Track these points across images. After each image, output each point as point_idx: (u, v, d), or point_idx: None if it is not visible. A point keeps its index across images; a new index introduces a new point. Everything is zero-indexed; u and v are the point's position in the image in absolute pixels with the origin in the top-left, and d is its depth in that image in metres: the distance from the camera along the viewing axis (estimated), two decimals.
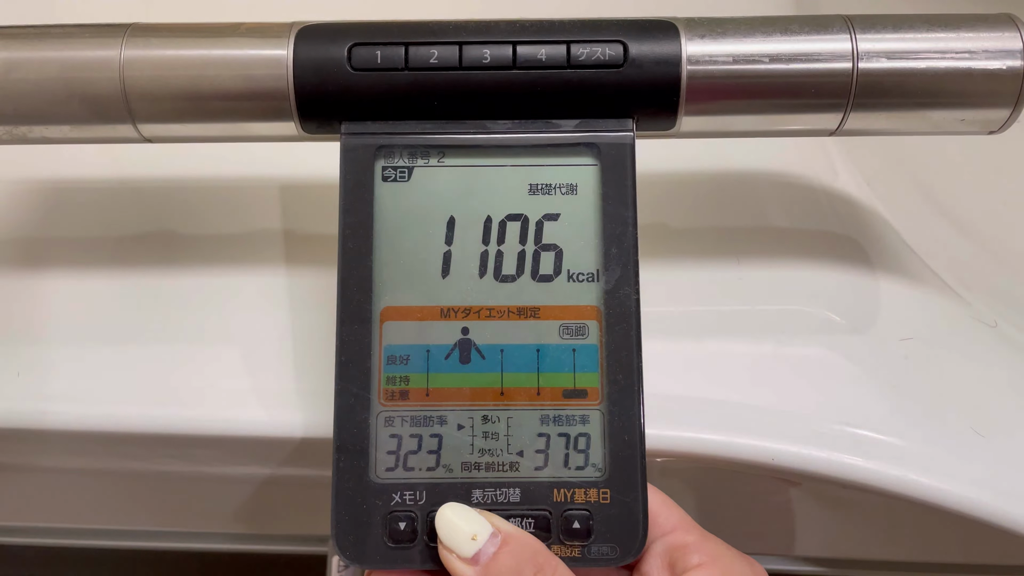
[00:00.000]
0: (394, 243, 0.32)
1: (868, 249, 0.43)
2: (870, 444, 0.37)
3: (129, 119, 0.33)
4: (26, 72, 0.32)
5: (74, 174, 0.45)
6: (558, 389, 0.32)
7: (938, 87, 0.33)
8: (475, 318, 0.32)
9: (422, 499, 0.31)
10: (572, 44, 0.32)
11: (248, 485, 0.45)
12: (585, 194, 0.33)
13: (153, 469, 0.43)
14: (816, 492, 0.43)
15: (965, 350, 0.41)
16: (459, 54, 0.32)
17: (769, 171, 0.45)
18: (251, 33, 0.33)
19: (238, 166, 0.45)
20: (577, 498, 0.31)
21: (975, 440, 0.37)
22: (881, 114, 0.33)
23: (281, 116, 0.33)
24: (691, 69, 0.32)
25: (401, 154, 0.33)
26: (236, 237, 0.43)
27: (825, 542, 0.49)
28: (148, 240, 0.42)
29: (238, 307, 0.40)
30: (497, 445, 0.31)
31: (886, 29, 0.33)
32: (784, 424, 0.37)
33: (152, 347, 0.39)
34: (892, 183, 0.48)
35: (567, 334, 0.32)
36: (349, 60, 0.32)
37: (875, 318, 0.41)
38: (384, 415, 0.31)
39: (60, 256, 0.42)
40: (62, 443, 0.40)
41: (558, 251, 0.32)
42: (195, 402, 0.37)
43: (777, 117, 0.34)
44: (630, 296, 0.32)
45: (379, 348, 0.32)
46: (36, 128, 0.34)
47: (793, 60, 0.32)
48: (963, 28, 0.33)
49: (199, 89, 0.32)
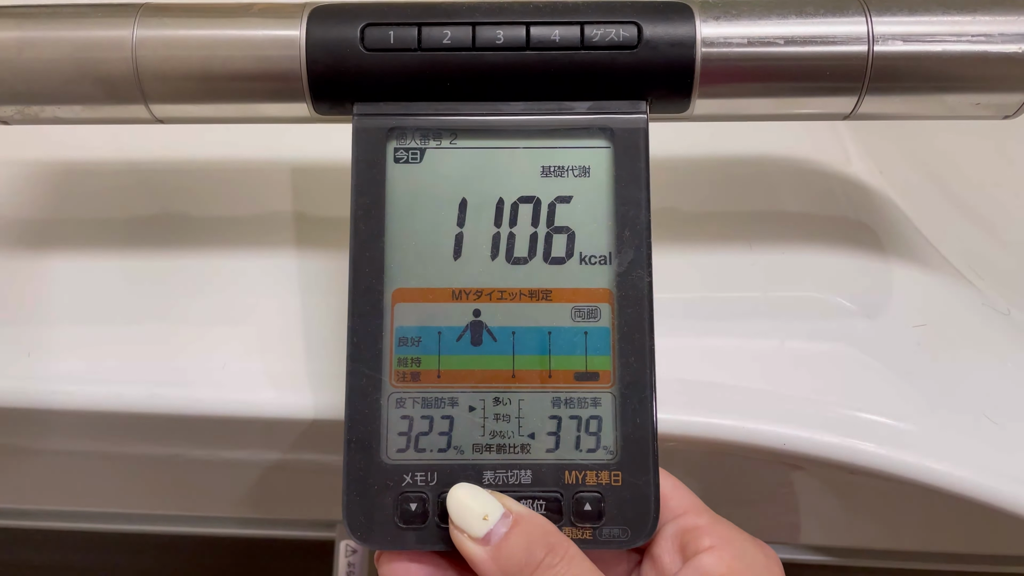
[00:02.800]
0: (406, 225, 0.32)
1: (881, 236, 0.43)
2: (882, 430, 0.36)
3: (141, 99, 0.33)
4: (38, 51, 0.32)
5: (84, 156, 0.45)
6: (570, 372, 0.32)
7: (953, 70, 0.32)
8: (487, 300, 0.32)
9: (433, 480, 0.31)
10: (586, 25, 0.32)
11: (256, 469, 0.45)
12: (598, 176, 0.33)
13: (161, 452, 0.43)
14: (821, 479, 0.43)
15: (977, 337, 0.41)
16: (472, 35, 0.32)
17: (781, 157, 0.45)
18: (264, 13, 0.33)
19: (249, 148, 0.45)
20: (588, 480, 0.31)
21: (987, 427, 0.37)
22: (896, 98, 0.33)
23: (293, 97, 0.33)
24: (705, 51, 0.32)
25: (413, 135, 0.33)
26: (247, 219, 0.43)
27: (829, 530, 0.49)
28: (158, 221, 0.42)
29: (248, 288, 0.40)
30: (508, 427, 0.31)
31: (902, 12, 0.32)
32: (796, 409, 0.37)
33: (161, 328, 0.39)
34: (904, 170, 0.47)
35: (579, 317, 0.32)
36: (362, 40, 0.32)
37: (887, 305, 0.41)
38: (395, 396, 0.31)
39: (70, 237, 0.42)
40: (71, 424, 0.40)
41: (570, 234, 0.32)
42: (205, 383, 0.37)
43: (791, 100, 0.33)
44: (643, 279, 0.32)
45: (391, 329, 0.32)
46: (48, 108, 0.34)
47: (808, 43, 0.32)
48: (979, 11, 0.32)
49: (211, 69, 0.32)
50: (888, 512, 0.45)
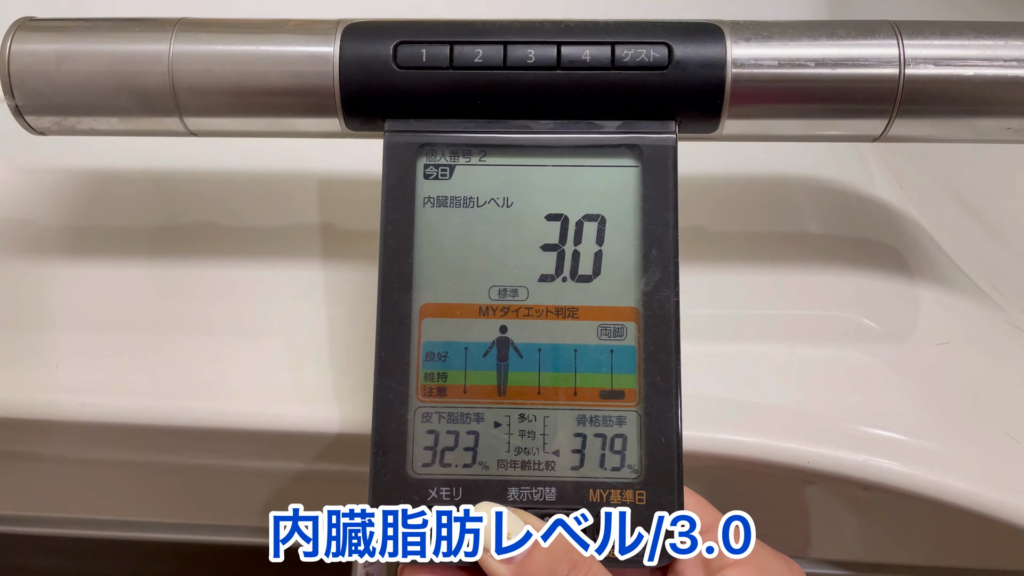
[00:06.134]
0: (434, 240, 0.32)
1: (904, 254, 0.43)
2: (905, 449, 0.37)
3: (176, 113, 0.33)
4: (76, 64, 0.33)
5: (113, 165, 0.45)
6: (595, 390, 0.32)
7: (985, 95, 0.32)
8: (513, 317, 0.32)
9: (458, 495, 0.31)
10: (617, 45, 0.32)
11: (280, 480, 0.45)
12: (626, 195, 0.33)
13: (186, 462, 0.44)
14: (835, 494, 0.43)
15: (1001, 355, 0.41)
16: (503, 54, 0.32)
17: (805, 176, 0.45)
18: (298, 30, 0.33)
19: (279, 159, 0.45)
20: (613, 499, 0.31)
21: (1011, 445, 0.37)
22: (926, 121, 0.33)
23: (326, 112, 0.33)
24: (736, 72, 0.32)
25: (443, 152, 0.33)
26: (274, 230, 0.43)
27: (843, 544, 0.49)
28: (186, 232, 0.43)
29: (275, 300, 0.40)
30: (533, 444, 0.32)
31: (934, 35, 0.32)
32: (820, 428, 0.37)
33: (188, 340, 0.39)
34: (927, 188, 0.47)
35: (605, 335, 0.32)
36: (395, 58, 0.32)
37: (911, 323, 0.40)
38: (422, 411, 0.32)
39: (99, 248, 0.42)
40: (97, 435, 0.40)
41: (597, 252, 0.32)
42: (231, 396, 0.38)
43: (821, 122, 0.33)
44: (670, 298, 0.32)
45: (418, 344, 0.32)
46: (84, 119, 0.34)
47: (839, 65, 0.32)
48: (1012, 36, 0.32)
49: (246, 84, 0.33)
50: (904, 527, 0.45)
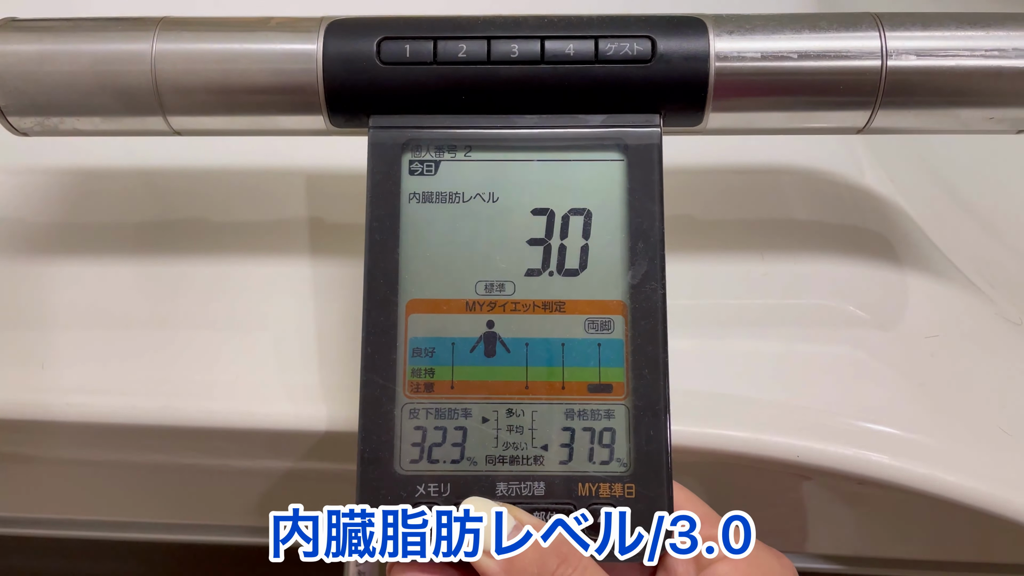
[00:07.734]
0: (420, 236, 0.32)
1: (894, 245, 0.43)
2: (895, 441, 0.37)
3: (160, 112, 0.33)
4: (58, 64, 0.33)
5: (100, 163, 0.45)
6: (583, 383, 0.32)
7: (967, 85, 0.32)
8: (500, 311, 0.32)
9: (446, 491, 0.31)
10: (600, 39, 0.32)
11: (267, 478, 0.45)
12: (611, 189, 0.33)
13: (174, 461, 0.44)
14: (830, 489, 0.43)
15: (991, 347, 0.41)
16: (487, 48, 0.32)
17: (794, 167, 0.45)
18: (281, 27, 0.33)
19: (264, 155, 0.45)
20: (602, 492, 0.31)
21: (1002, 438, 0.37)
22: (909, 112, 0.33)
23: (310, 110, 0.33)
24: (719, 65, 0.32)
25: (428, 148, 0.33)
26: (261, 228, 0.43)
27: (838, 539, 0.49)
28: (172, 230, 0.43)
29: (262, 296, 0.40)
30: (522, 439, 0.31)
31: (915, 27, 0.32)
32: (809, 421, 0.37)
33: (175, 337, 0.39)
34: (917, 179, 0.47)
35: (593, 328, 0.32)
36: (378, 54, 0.32)
37: (901, 315, 0.41)
38: (409, 407, 0.32)
39: (86, 245, 0.42)
40: (83, 435, 0.40)
41: (584, 246, 0.32)
42: (218, 395, 0.38)
43: (804, 114, 0.33)
44: (656, 291, 0.32)
45: (404, 340, 0.32)
46: (67, 119, 0.34)
47: (822, 57, 0.32)
48: (993, 26, 0.32)
49: (229, 83, 0.33)
50: (899, 521, 0.45)
